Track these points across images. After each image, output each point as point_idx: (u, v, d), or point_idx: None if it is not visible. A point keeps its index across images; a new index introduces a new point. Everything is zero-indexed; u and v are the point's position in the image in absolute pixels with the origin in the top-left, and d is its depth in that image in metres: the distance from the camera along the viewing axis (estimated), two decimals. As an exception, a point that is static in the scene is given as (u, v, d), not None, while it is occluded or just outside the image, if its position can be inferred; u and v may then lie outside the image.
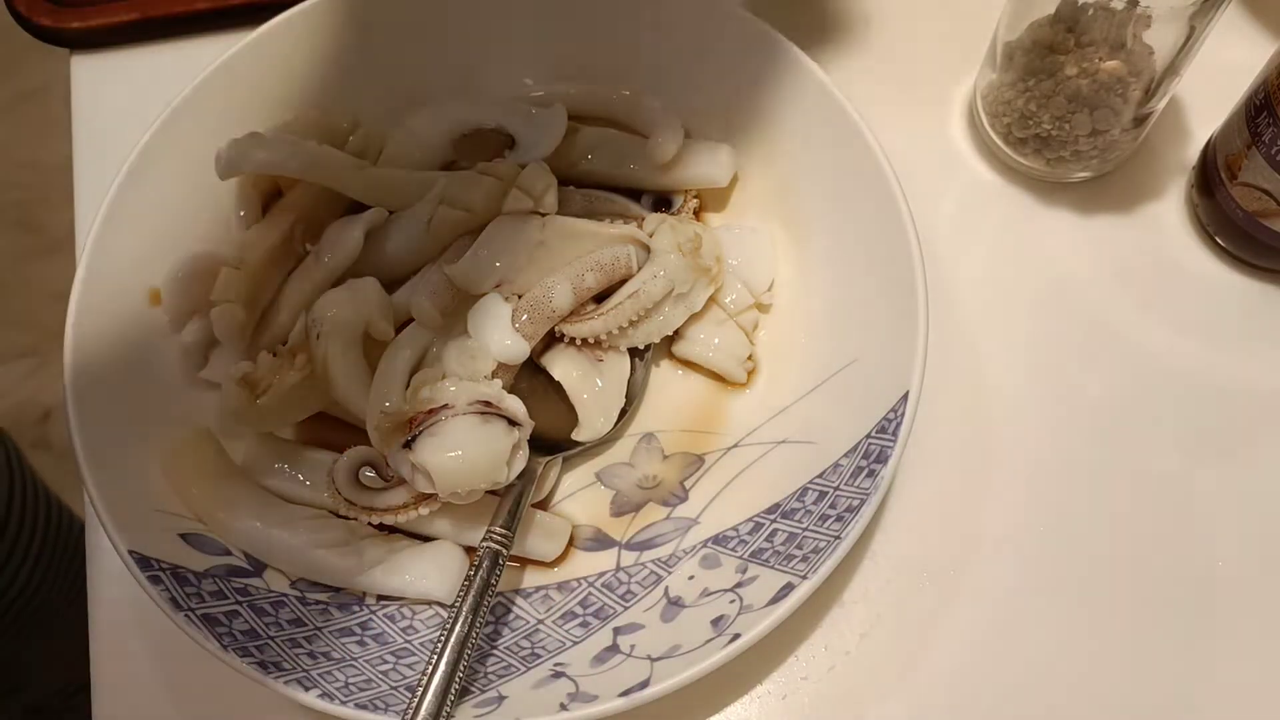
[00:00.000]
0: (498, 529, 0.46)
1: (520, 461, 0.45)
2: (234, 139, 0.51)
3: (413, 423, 0.44)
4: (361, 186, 0.52)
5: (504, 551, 0.45)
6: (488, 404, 0.45)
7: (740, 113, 0.56)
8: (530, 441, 0.46)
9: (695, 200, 0.55)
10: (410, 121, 0.55)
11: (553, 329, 0.51)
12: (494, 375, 0.48)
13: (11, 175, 1.42)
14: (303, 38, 0.54)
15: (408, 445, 0.44)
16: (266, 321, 0.52)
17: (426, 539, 0.49)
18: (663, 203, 0.56)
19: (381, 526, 0.49)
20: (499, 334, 0.49)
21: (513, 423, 0.45)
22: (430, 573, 0.47)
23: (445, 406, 0.44)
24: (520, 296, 0.50)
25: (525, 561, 0.49)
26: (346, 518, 0.48)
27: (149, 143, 0.51)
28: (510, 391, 0.47)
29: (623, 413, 0.51)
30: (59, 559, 0.80)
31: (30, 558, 0.77)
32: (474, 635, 0.43)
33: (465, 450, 0.44)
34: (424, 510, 0.46)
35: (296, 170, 0.51)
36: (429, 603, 0.48)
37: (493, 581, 0.45)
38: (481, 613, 0.44)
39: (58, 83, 0.60)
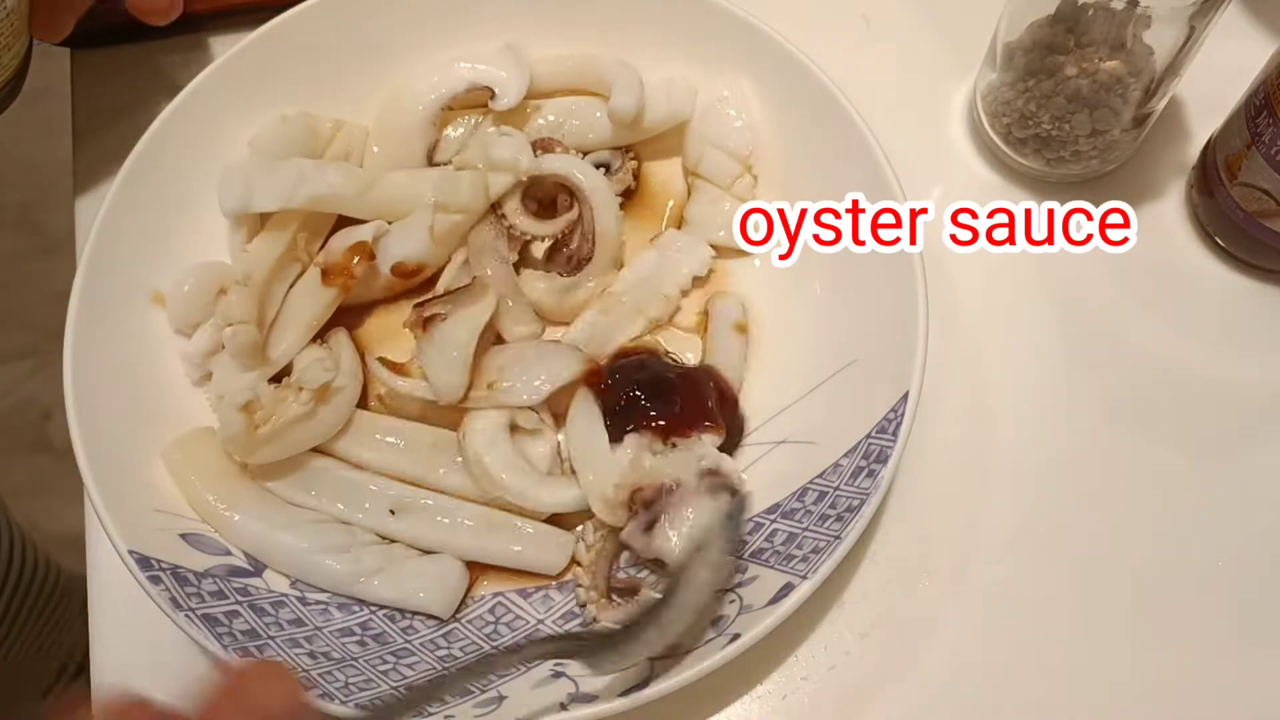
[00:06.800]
0: None
1: None
2: (234, 174, 0.50)
3: (637, 495, 0.46)
4: (364, 208, 0.52)
5: None
6: (714, 474, 0.47)
7: (740, 113, 0.56)
8: None
9: (634, 161, 0.56)
10: (389, 116, 0.55)
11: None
12: None
13: (11, 175, 1.41)
14: (302, 38, 0.54)
15: (648, 530, 0.46)
16: (271, 337, 0.51)
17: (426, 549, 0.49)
18: (602, 165, 0.56)
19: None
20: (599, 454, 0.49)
21: (734, 491, 0.47)
22: (428, 587, 0.47)
23: (676, 485, 0.46)
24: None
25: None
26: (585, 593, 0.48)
27: (149, 143, 0.51)
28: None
29: None
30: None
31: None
32: None
33: (699, 534, 0.45)
34: None
35: (303, 205, 0.51)
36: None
37: None
38: None
39: (58, 83, 0.60)
